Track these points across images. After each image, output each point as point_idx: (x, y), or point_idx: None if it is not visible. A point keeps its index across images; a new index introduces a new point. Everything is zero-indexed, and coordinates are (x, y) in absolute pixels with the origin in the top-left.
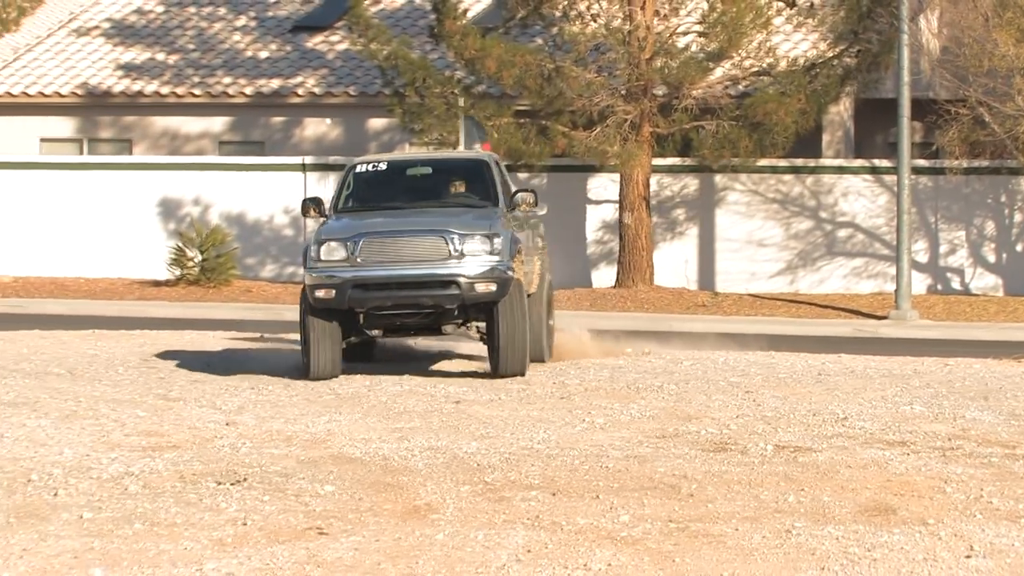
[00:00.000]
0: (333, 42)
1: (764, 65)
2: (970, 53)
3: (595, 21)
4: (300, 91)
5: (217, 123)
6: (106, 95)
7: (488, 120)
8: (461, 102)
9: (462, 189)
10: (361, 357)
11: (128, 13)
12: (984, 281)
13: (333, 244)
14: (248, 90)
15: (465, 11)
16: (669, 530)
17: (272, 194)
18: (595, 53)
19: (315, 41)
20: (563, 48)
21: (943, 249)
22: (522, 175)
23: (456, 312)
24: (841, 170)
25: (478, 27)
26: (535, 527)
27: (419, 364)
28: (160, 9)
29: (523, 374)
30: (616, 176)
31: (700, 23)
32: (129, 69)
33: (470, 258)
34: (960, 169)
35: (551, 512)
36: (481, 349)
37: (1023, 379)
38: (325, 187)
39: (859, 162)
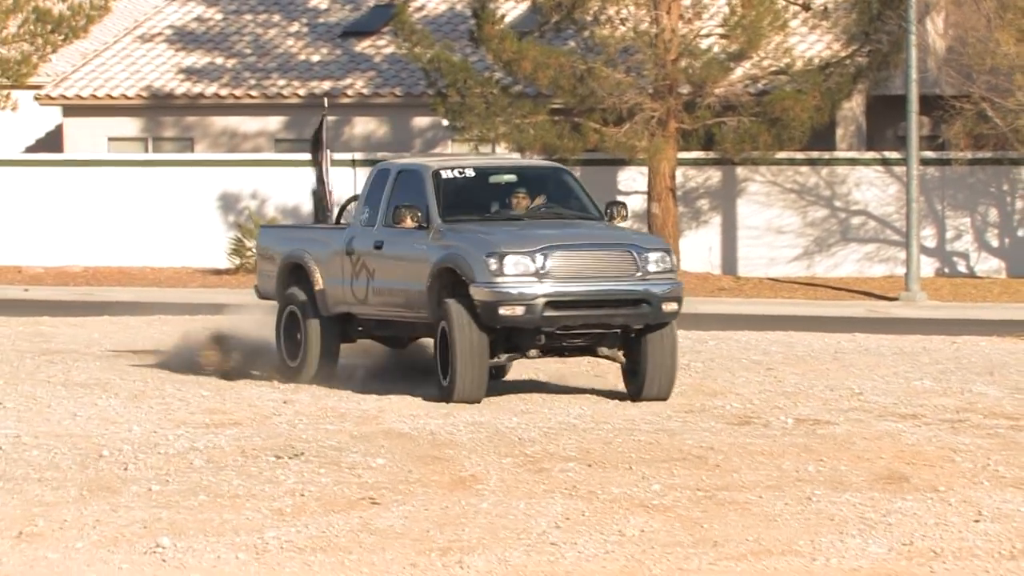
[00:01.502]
0: (380, 46)
1: (782, 65)
2: (973, 52)
3: (624, 25)
4: (349, 92)
5: (273, 122)
6: (169, 97)
7: (524, 117)
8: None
9: (544, 200)
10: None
11: (189, 20)
12: (988, 264)
13: (519, 257)
14: (301, 91)
15: (503, 16)
16: (697, 498)
17: None
18: (624, 55)
19: (363, 45)
20: (594, 50)
21: (950, 235)
22: None
23: (620, 334)
24: (854, 162)
25: (515, 31)
26: (573, 496)
27: None
28: (219, 16)
29: (667, 398)
30: (644, 169)
31: (722, 26)
32: (190, 72)
33: (655, 275)
34: (965, 160)
35: (587, 482)
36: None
37: None
38: None
39: (871, 154)
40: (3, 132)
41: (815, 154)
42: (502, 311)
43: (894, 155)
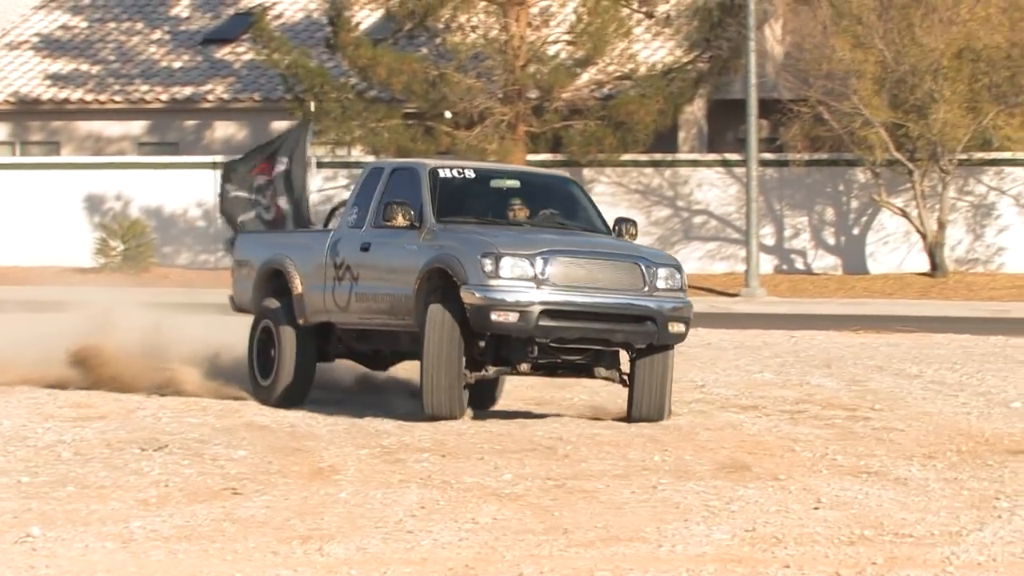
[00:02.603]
0: (239, 53)
1: (626, 70)
2: (810, 57)
3: (474, 32)
4: (210, 97)
5: (136, 127)
6: (36, 102)
7: (379, 121)
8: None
9: (553, 210)
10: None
11: (55, 28)
12: (825, 261)
13: (516, 260)
14: (164, 96)
15: (358, 24)
16: (548, 487)
17: (186, 190)
18: (475, 61)
19: (223, 52)
20: (446, 56)
21: (788, 233)
22: None
23: (617, 354)
24: (696, 163)
25: (369, 38)
26: (427, 486)
27: None
28: (84, 24)
29: (660, 420)
30: None
31: (568, 33)
32: (56, 78)
33: (663, 292)
34: (802, 161)
35: (441, 472)
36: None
37: (861, 349)
38: None
39: (712, 156)
40: None
41: (658, 156)
42: (494, 317)
43: (734, 157)
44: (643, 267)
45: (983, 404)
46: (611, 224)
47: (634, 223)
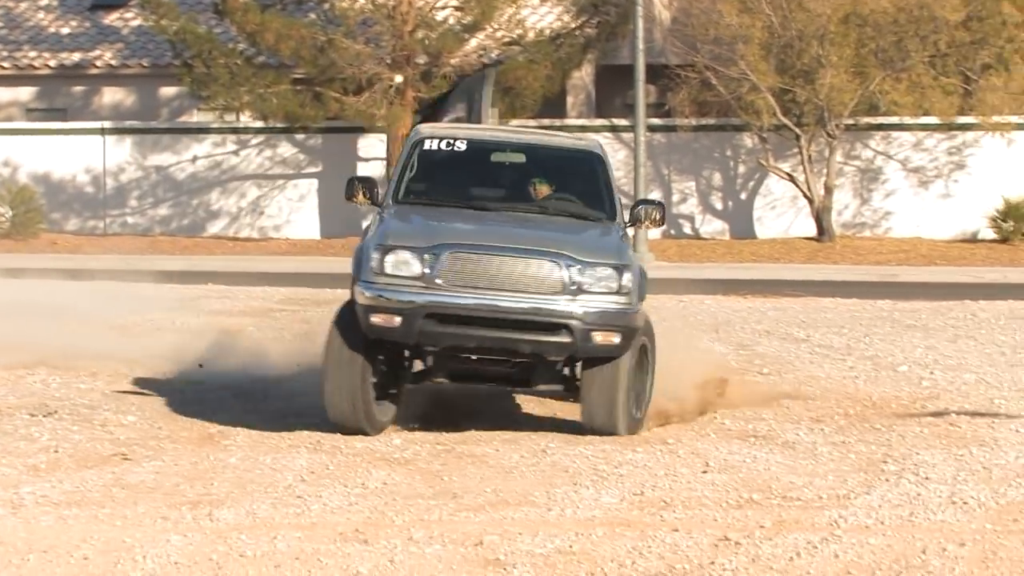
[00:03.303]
0: (128, 19)
1: (514, 36)
2: (698, 23)
3: None
4: (99, 63)
5: (24, 92)
6: None
7: (268, 87)
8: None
9: (564, 190)
10: None
11: None
12: (712, 226)
13: (404, 254)
14: (52, 63)
15: None
16: (437, 452)
17: (75, 156)
18: (363, 27)
19: (111, 18)
20: (334, 22)
21: (676, 198)
22: (299, 136)
23: (559, 366)
24: (584, 129)
25: (258, 3)
26: (317, 451)
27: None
28: None
29: (615, 433)
30: (384, 136)
31: None
32: None
33: (592, 295)
34: (690, 127)
35: (331, 438)
36: None
37: (749, 313)
38: (122, 149)
39: (600, 121)
40: None
41: (547, 121)
42: (374, 319)
43: (623, 122)
44: (565, 265)
45: (870, 368)
46: (634, 207)
47: (660, 206)
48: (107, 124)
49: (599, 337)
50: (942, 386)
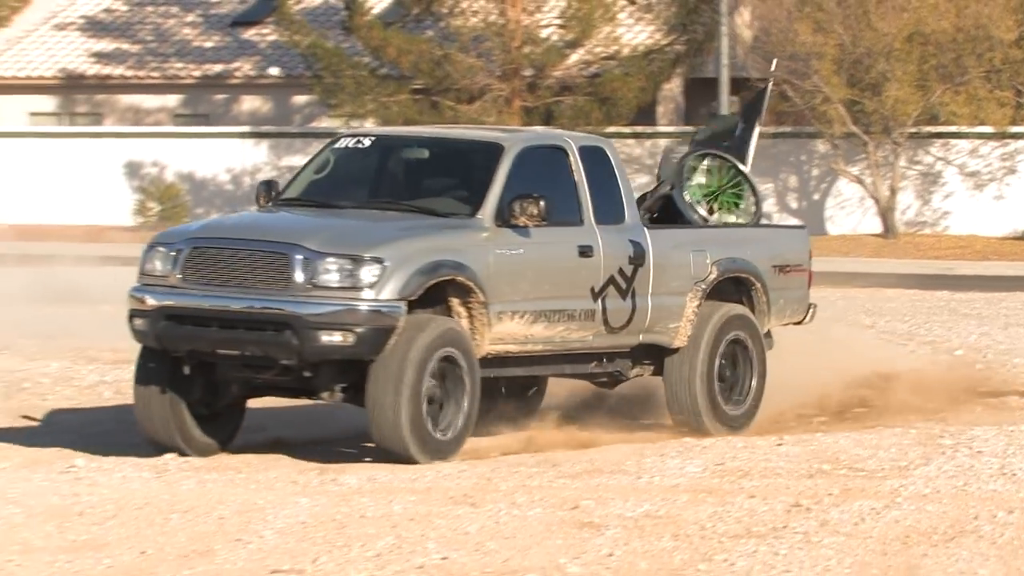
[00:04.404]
0: (264, 34)
1: (611, 51)
2: (776, 40)
3: (475, 17)
4: (238, 74)
5: (171, 100)
6: (81, 77)
7: (389, 96)
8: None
9: (457, 185)
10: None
11: (98, 11)
12: (789, 223)
13: (160, 252)
14: (196, 73)
15: (370, 8)
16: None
17: (217, 157)
18: (475, 42)
19: (250, 33)
20: (450, 38)
21: None
22: None
23: (325, 371)
24: (671, 136)
25: (381, 21)
26: None
27: None
28: (124, 7)
29: (403, 450)
30: None
31: (559, 18)
32: (100, 56)
33: (327, 291)
34: (768, 134)
35: None
36: None
37: (820, 302)
38: (259, 151)
39: (688, 129)
40: None
41: (640, 129)
42: (133, 322)
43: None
44: (293, 258)
45: (929, 352)
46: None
47: (536, 200)
48: (246, 128)
49: (327, 337)
50: (994, 368)
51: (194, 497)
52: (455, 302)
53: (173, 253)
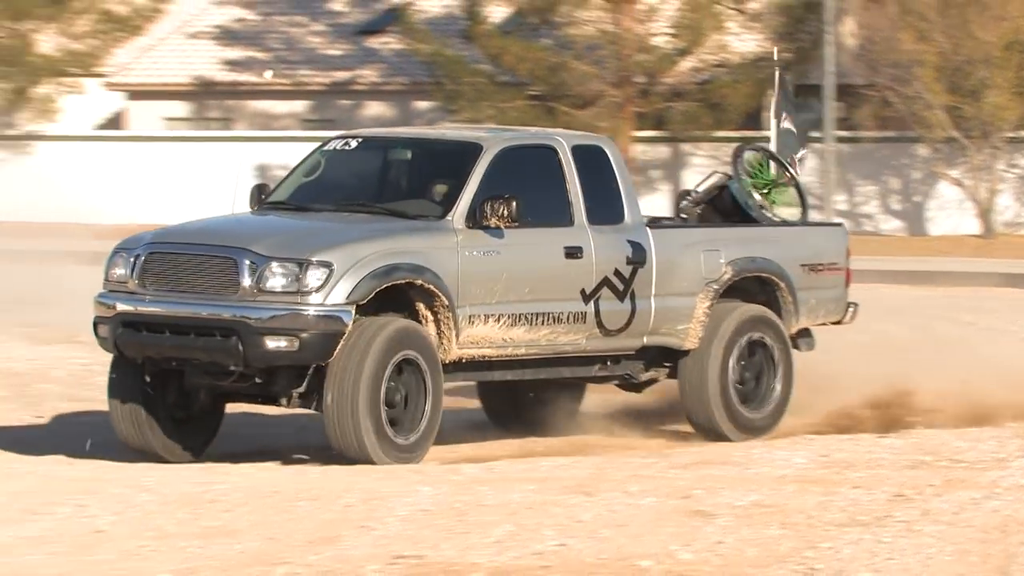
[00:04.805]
0: (388, 43)
1: (720, 58)
2: (879, 48)
3: (590, 25)
4: (362, 81)
5: (299, 106)
6: (213, 84)
7: (507, 102)
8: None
9: (436, 186)
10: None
11: (230, 21)
12: (890, 224)
13: (121, 257)
14: (323, 80)
15: (489, 18)
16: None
17: None
18: (590, 50)
19: (374, 42)
20: (566, 46)
21: (858, 200)
22: None
23: (279, 377)
24: None
25: (500, 30)
26: None
27: None
28: (254, 17)
29: (364, 455)
30: None
31: (670, 27)
32: (231, 63)
33: (271, 295)
34: (872, 139)
35: None
36: None
37: (923, 300)
38: None
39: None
40: (73, 113)
41: (748, 133)
42: (97, 329)
43: (814, 134)
44: (242, 263)
45: None
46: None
47: (508, 200)
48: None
49: (272, 343)
50: None
51: (320, 485)
52: (420, 306)
53: (132, 259)
